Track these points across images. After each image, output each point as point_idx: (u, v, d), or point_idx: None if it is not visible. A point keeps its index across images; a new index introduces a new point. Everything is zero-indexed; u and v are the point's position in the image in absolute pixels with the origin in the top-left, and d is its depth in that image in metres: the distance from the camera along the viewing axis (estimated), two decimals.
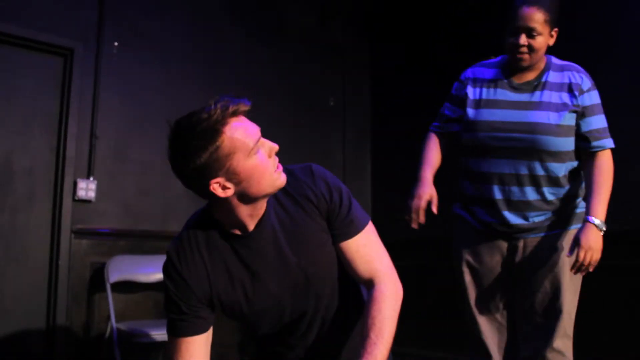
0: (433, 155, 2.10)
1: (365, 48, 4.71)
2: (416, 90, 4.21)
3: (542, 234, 1.95)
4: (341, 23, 4.55)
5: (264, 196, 1.31)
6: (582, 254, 1.79)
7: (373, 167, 4.60)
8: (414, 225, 1.95)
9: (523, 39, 1.87)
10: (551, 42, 1.93)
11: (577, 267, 1.81)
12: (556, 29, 1.92)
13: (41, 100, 3.24)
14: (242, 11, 4.04)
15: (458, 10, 4.01)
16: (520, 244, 1.96)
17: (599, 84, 1.98)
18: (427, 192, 1.96)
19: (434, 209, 1.94)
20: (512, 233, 1.96)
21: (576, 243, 1.81)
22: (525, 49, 1.88)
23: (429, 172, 2.04)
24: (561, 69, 1.96)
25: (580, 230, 1.83)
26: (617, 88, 1.97)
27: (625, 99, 2.87)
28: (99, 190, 3.31)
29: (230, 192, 1.26)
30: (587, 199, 1.89)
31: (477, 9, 3.86)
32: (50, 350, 3.11)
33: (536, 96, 1.92)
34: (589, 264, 1.80)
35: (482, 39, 3.72)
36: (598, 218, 1.82)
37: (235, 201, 1.29)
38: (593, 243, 1.79)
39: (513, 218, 1.93)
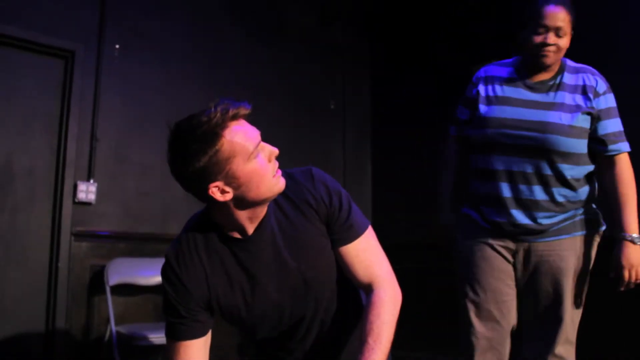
0: (461, 180, 2.16)
1: (365, 48, 4.71)
2: (416, 90, 4.21)
3: (549, 239, 1.91)
4: (341, 23, 4.54)
5: (262, 201, 1.30)
6: (626, 274, 1.82)
7: (373, 168, 4.60)
8: None
9: (552, 38, 1.85)
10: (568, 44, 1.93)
11: (625, 286, 1.85)
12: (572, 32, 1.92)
13: (42, 102, 3.24)
14: (242, 11, 4.04)
15: (458, 10, 4.01)
16: (527, 247, 1.93)
17: None
18: None
19: None
20: (519, 234, 1.93)
21: (617, 264, 1.84)
22: (553, 48, 1.86)
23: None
24: (576, 71, 1.95)
25: (617, 250, 1.84)
26: (618, 88, 1.97)
27: (625, 99, 2.86)
28: (99, 192, 3.31)
29: (229, 197, 1.25)
30: (615, 213, 1.88)
31: (477, 9, 3.86)
32: (49, 352, 3.10)
33: (550, 97, 1.91)
34: (636, 279, 1.83)
35: (482, 39, 3.72)
36: (632, 232, 1.83)
37: (233, 205, 1.28)
38: (634, 260, 1.82)
39: (521, 217, 1.91)
